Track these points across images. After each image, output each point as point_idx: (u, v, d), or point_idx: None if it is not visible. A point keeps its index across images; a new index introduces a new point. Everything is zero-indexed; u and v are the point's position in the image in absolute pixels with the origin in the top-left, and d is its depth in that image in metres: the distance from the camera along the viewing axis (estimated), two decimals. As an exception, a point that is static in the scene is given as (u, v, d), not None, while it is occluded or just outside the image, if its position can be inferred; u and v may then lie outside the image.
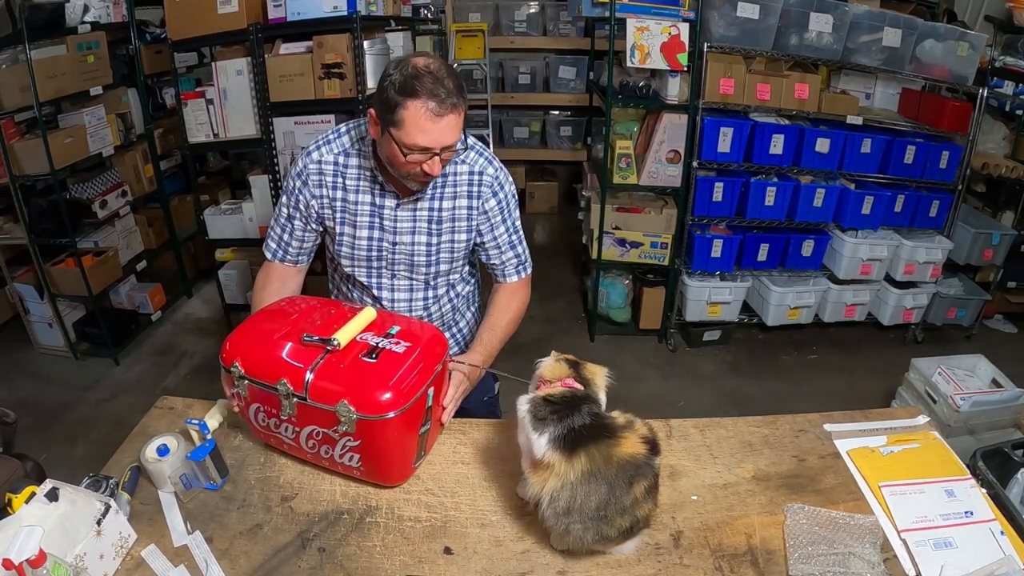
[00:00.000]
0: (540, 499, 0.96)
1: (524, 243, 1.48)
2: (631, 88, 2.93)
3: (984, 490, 1.15)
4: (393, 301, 1.45)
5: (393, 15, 2.84)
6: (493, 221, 1.40)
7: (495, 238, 1.42)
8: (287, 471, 1.20)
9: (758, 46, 2.73)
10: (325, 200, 1.36)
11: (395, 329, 1.16)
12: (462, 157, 1.35)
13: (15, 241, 2.99)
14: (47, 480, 0.98)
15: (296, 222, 1.41)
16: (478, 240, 1.43)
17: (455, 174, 1.35)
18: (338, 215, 1.37)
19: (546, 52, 4.36)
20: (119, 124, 3.17)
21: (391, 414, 1.03)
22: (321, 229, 1.43)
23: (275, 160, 2.67)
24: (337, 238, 1.40)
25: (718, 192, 2.94)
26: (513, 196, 1.43)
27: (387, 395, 1.03)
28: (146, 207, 3.56)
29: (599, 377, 1.09)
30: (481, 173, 1.36)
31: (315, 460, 1.16)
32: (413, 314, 1.47)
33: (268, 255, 1.47)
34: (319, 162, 1.35)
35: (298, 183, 1.37)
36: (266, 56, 2.51)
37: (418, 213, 1.36)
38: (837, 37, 2.73)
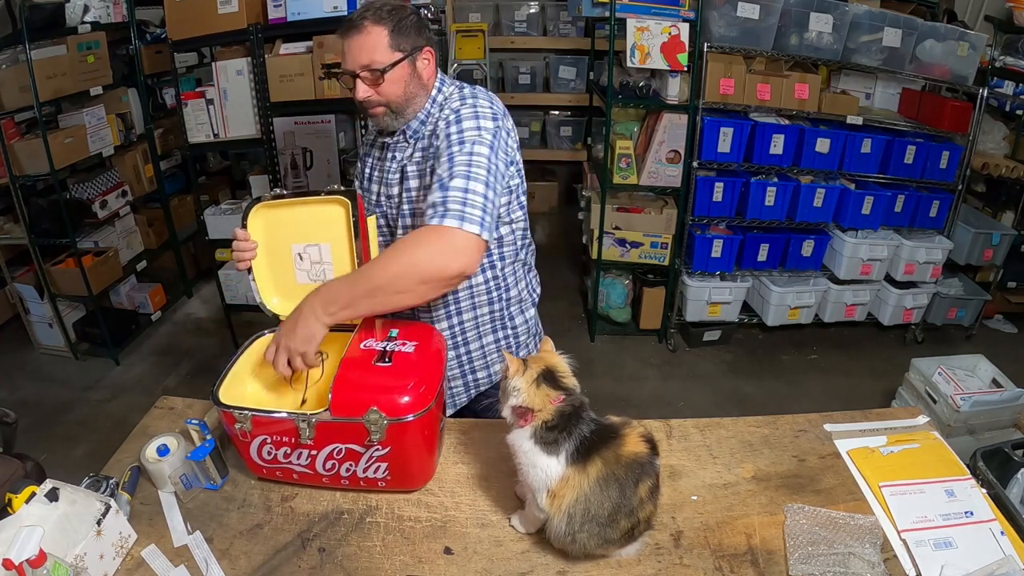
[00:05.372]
0: (554, 520, 0.95)
1: (466, 189, 1.06)
2: (631, 88, 2.93)
3: (984, 490, 1.14)
4: None
5: (393, 15, 2.83)
6: (440, 158, 1.13)
7: (437, 177, 1.10)
8: (287, 471, 1.20)
9: (758, 46, 2.73)
10: (361, 162, 1.44)
11: (395, 332, 1.16)
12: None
13: (15, 241, 2.99)
14: (47, 480, 0.98)
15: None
16: None
17: (439, 117, 1.23)
18: (366, 172, 1.42)
19: (546, 52, 4.35)
20: (119, 124, 3.18)
21: (416, 414, 1.02)
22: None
23: (275, 160, 2.68)
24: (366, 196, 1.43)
25: (718, 192, 2.94)
26: (476, 128, 1.14)
27: (410, 397, 1.03)
28: (146, 207, 3.57)
29: (568, 378, 1.02)
30: (449, 109, 1.21)
31: (332, 482, 1.12)
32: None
33: None
34: (368, 128, 1.45)
35: (361, 152, 1.47)
36: (266, 56, 2.51)
37: (404, 157, 1.29)
38: (837, 37, 2.73)
